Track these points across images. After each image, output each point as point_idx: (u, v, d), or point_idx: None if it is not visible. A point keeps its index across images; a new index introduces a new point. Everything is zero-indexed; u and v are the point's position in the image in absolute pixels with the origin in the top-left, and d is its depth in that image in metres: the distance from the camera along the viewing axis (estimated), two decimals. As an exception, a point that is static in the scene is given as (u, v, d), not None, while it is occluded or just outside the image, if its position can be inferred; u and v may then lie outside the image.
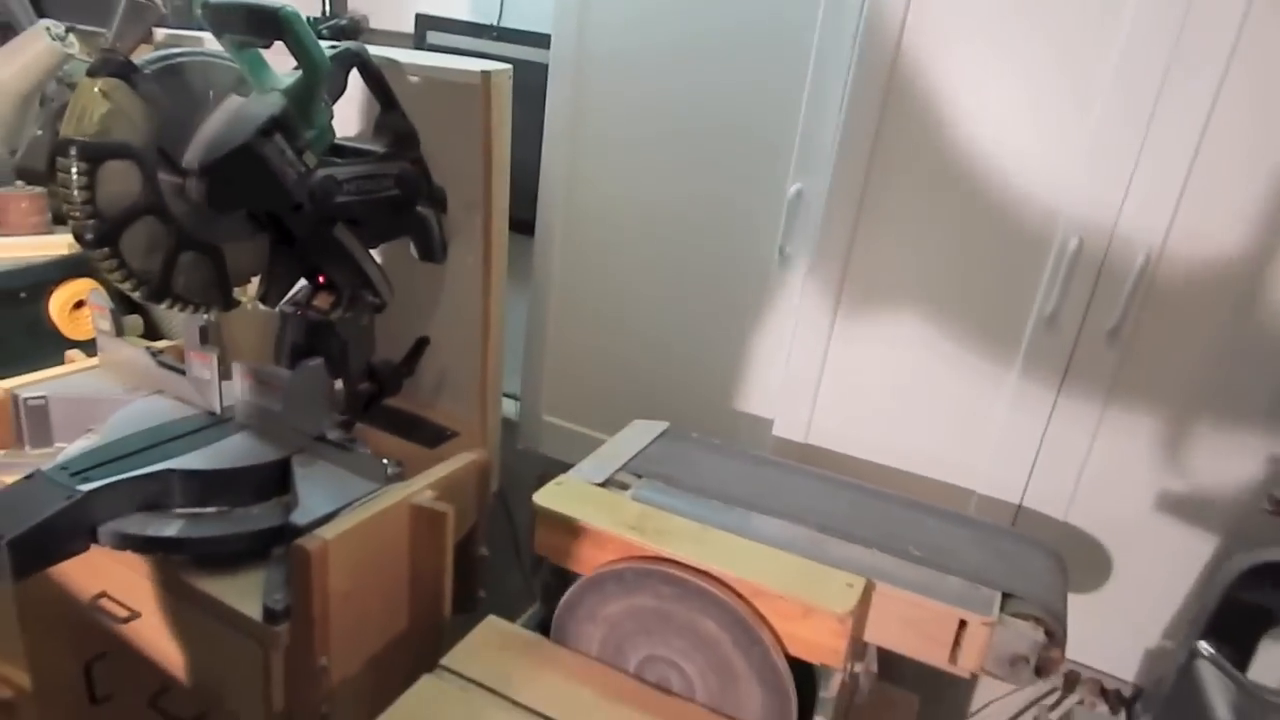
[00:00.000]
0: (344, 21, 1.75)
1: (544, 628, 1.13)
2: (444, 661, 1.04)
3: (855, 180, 1.20)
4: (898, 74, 1.16)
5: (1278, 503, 0.80)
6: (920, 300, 1.23)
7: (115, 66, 1.00)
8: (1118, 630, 1.17)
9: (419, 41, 1.74)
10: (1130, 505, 1.15)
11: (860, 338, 1.28)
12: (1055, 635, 0.94)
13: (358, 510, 1.09)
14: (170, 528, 1.09)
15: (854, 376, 1.29)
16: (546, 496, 1.08)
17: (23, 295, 1.49)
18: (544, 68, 1.44)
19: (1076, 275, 1.10)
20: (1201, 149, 1.02)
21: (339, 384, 1.31)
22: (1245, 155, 1.01)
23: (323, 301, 1.31)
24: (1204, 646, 0.75)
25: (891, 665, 1.25)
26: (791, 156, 1.26)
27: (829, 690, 0.99)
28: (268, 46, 1.09)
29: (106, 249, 1.04)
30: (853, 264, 1.24)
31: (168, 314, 1.68)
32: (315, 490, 1.13)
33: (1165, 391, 1.11)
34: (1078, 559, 1.18)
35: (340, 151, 1.23)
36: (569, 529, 1.06)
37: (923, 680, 1.24)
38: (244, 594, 1.06)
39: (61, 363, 1.44)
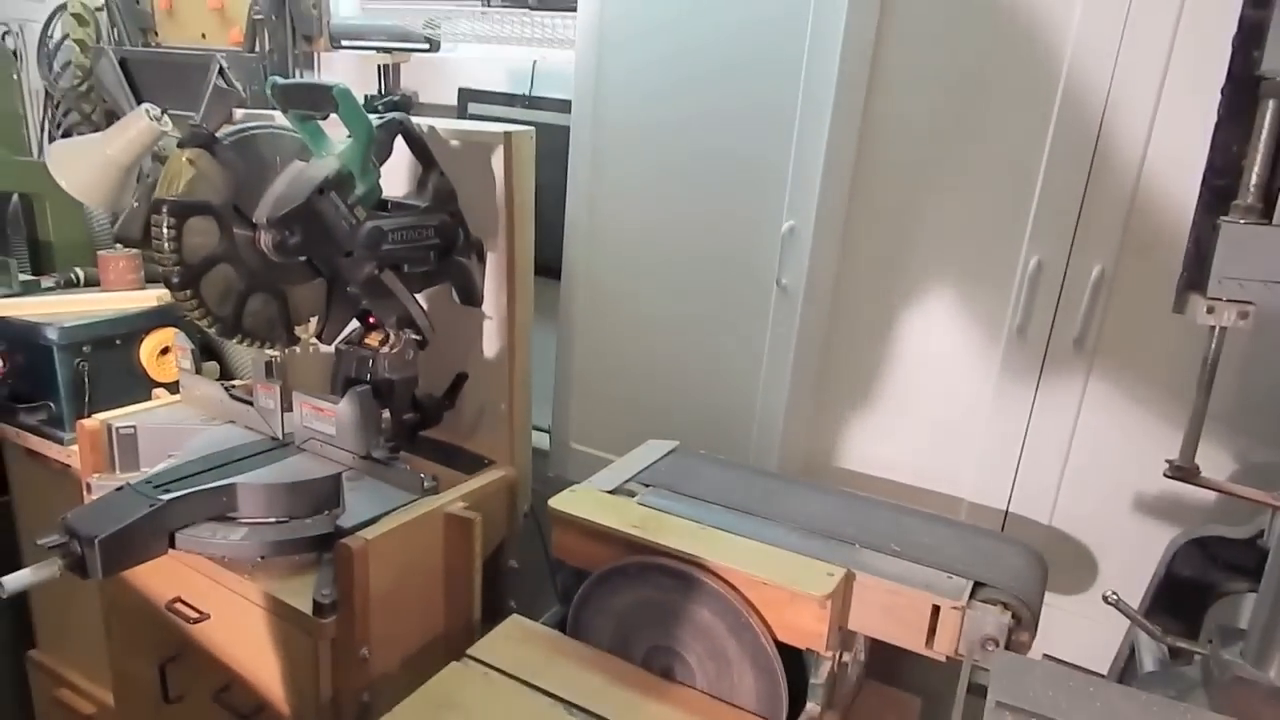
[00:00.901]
0: (397, 97, 1.97)
1: (563, 626, 1.23)
2: (470, 651, 1.16)
3: (836, 217, 1.33)
4: (868, 128, 1.30)
5: (1177, 468, 0.87)
6: (902, 320, 1.34)
7: (199, 139, 1.20)
8: (1106, 627, 1.22)
9: (461, 112, 1.95)
10: (1109, 506, 1.22)
11: (850, 358, 1.39)
12: (1023, 619, 1.01)
13: (396, 516, 1.24)
14: (236, 534, 1.25)
15: (848, 394, 1.39)
16: (561, 501, 1.20)
17: (118, 342, 1.70)
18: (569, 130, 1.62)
19: (1040, 291, 1.20)
20: (1143, 175, 1.12)
21: (386, 414, 1.46)
22: (1183, 180, 1.11)
23: (373, 339, 1.47)
24: (1109, 593, 0.81)
25: (896, 670, 1.32)
26: (784, 198, 1.39)
27: (818, 677, 1.08)
28: (325, 118, 1.28)
29: (189, 291, 1.22)
30: (839, 291, 1.36)
31: (240, 359, 1.88)
32: (360, 499, 1.28)
33: (1133, 394, 1.19)
34: (1064, 560, 1.25)
35: (387, 206, 1.41)
36: (581, 530, 1.17)
37: (925, 684, 1.31)
38: (298, 592, 1.20)
39: (149, 400, 1.63)
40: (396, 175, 1.46)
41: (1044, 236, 1.21)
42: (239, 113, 1.59)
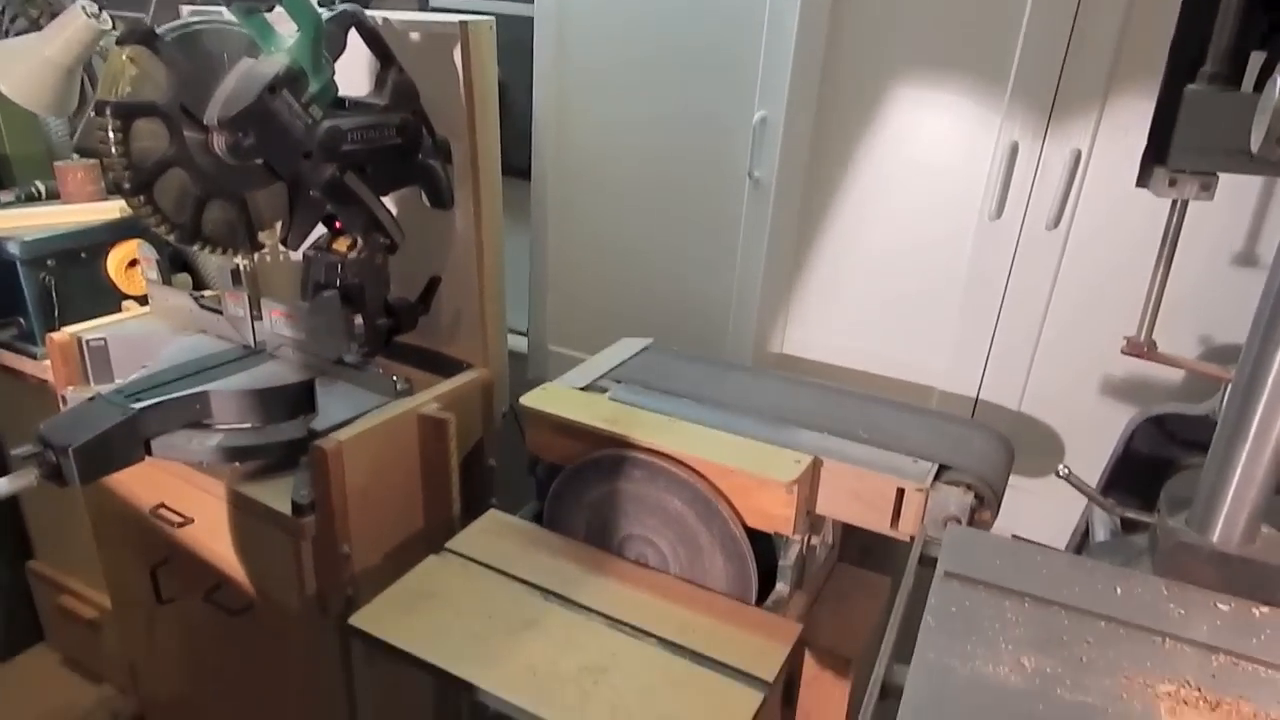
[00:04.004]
0: (355, -10, 1.88)
1: (540, 519, 1.26)
2: (448, 544, 1.18)
3: (808, 105, 1.29)
4: (838, 10, 1.25)
5: (1134, 343, 0.87)
6: (874, 210, 1.32)
7: (139, 35, 1.14)
8: (1073, 508, 1.25)
9: (423, 5, 1.86)
10: (1079, 389, 1.23)
11: (822, 250, 1.37)
12: (985, 499, 1.03)
13: (369, 418, 1.24)
14: (212, 440, 1.25)
15: (819, 287, 1.39)
16: (532, 398, 1.21)
17: (83, 255, 1.67)
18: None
19: (1015, 174, 1.17)
20: (1123, 51, 1.09)
21: (359, 320, 1.45)
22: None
23: (340, 245, 1.45)
24: (1061, 468, 0.83)
25: (869, 553, 1.35)
26: (755, 87, 1.35)
27: (787, 559, 1.10)
28: (270, 10, 1.22)
29: (143, 197, 1.19)
30: (811, 182, 1.33)
31: (211, 269, 1.85)
32: (334, 403, 1.29)
33: (1105, 276, 1.18)
34: (1032, 444, 1.27)
35: (345, 105, 1.36)
36: (553, 426, 1.18)
37: (897, 566, 1.34)
38: (277, 495, 1.22)
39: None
40: (355, 73, 1.40)
41: (1019, 118, 1.18)
42: (185, 8, 1.52)
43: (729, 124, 1.39)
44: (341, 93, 1.32)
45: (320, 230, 1.46)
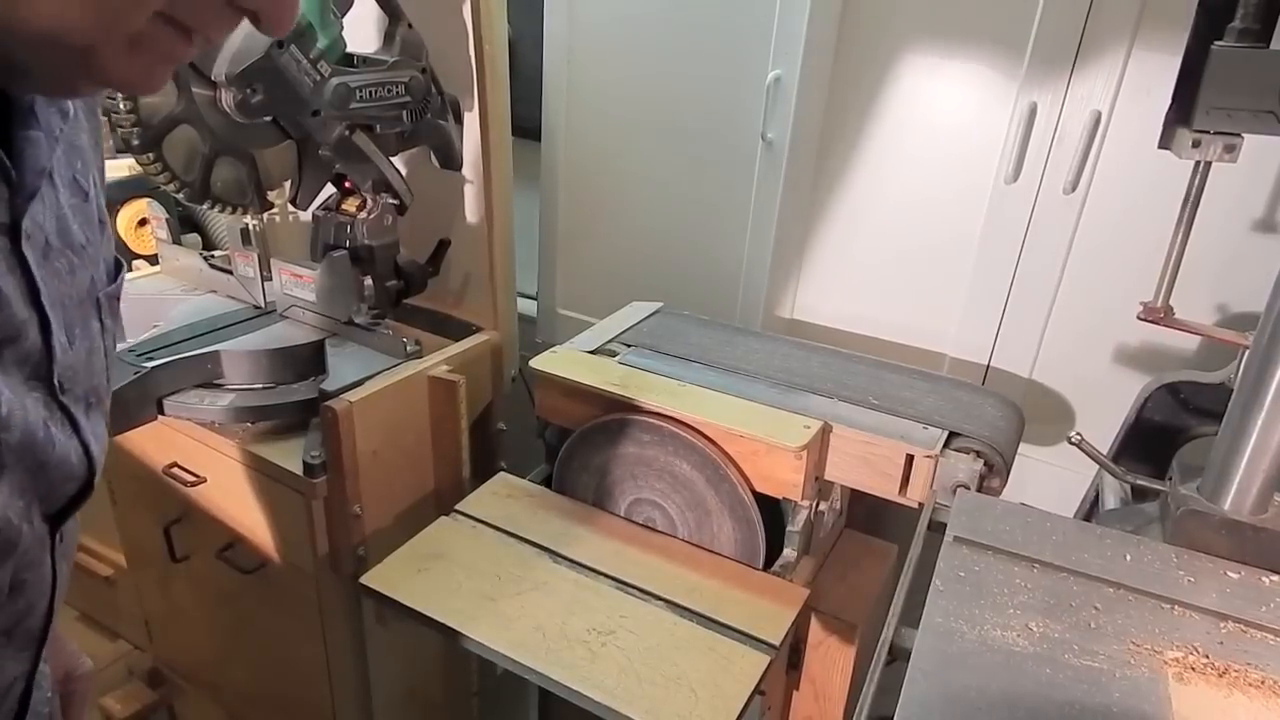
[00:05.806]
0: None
1: (549, 483, 1.26)
2: (458, 506, 1.19)
3: (824, 64, 1.26)
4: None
5: (1150, 309, 0.86)
6: (888, 174, 1.30)
7: (145, -12, 1.13)
8: (1083, 477, 1.25)
9: (432, -39, 1.83)
10: (1091, 358, 1.22)
11: (835, 214, 1.36)
12: (995, 466, 1.03)
13: (380, 379, 1.25)
14: (223, 400, 1.26)
15: (831, 252, 1.37)
16: (542, 361, 1.20)
17: (93, 214, 1.67)
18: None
19: (1033, 137, 1.15)
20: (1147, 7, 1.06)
21: (369, 281, 1.45)
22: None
23: (350, 205, 1.44)
24: (1073, 434, 0.83)
25: (876, 521, 1.36)
26: (770, 45, 1.32)
27: (795, 524, 1.11)
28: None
29: (151, 155, 1.19)
30: (824, 144, 1.31)
31: (221, 230, 1.85)
32: (344, 364, 1.29)
33: (1122, 242, 1.16)
34: (1043, 412, 1.26)
35: (353, 62, 1.34)
36: (562, 389, 1.18)
37: (904, 533, 1.35)
38: (289, 455, 1.23)
39: (129, 272, 1.62)
40: (363, 30, 1.39)
41: (1039, 78, 1.15)
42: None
43: (742, 84, 1.37)
44: (349, 48, 1.31)
45: (330, 190, 1.45)
